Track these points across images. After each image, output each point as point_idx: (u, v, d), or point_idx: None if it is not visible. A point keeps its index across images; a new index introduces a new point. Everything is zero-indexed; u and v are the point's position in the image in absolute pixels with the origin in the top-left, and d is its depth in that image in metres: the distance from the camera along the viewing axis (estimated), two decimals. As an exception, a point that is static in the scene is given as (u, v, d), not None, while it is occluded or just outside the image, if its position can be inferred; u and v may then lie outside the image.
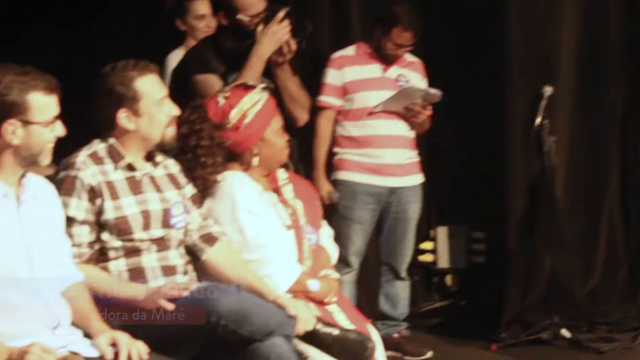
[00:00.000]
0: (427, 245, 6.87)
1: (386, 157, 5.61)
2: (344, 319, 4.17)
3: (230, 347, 3.66)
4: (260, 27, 4.71)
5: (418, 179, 5.78)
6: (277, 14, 4.70)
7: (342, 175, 5.65)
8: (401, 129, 5.61)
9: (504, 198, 6.22)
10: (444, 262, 6.86)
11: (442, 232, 6.85)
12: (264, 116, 4.18)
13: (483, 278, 6.62)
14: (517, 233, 6.20)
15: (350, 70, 5.60)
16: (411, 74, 5.69)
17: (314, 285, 4.17)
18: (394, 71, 5.65)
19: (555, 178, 6.08)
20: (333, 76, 5.60)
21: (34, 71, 3.31)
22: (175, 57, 5.56)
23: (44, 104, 3.29)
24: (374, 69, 5.64)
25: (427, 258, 6.88)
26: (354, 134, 5.62)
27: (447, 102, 5.70)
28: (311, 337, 3.92)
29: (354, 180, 5.63)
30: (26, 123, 3.27)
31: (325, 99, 5.57)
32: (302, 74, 5.00)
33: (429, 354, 5.84)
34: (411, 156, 5.71)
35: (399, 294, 5.85)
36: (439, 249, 6.85)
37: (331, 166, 5.67)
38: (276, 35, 4.67)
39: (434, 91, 5.55)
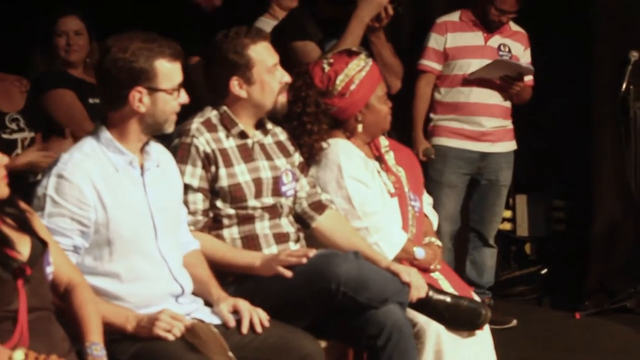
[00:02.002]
0: (506, 213, 6.82)
1: (479, 124, 5.60)
2: (449, 287, 4.16)
3: (346, 314, 3.66)
4: None
5: (510, 145, 5.79)
6: None
7: (435, 140, 5.68)
8: (496, 98, 5.61)
9: (589, 165, 6.16)
10: (523, 230, 6.84)
11: (521, 200, 6.82)
12: (369, 83, 4.16)
13: (563, 246, 6.58)
14: (600, 200, 6.15)
15: (453, 37, 5.61)
16: (513, 44, 5.68)
17: (419, 252, 4.16)
18: (495, 40, 5.64)
19: (640, 144, 6.03)
20: (435, 41, 5.61)
21: (160, 38, 3.30)
22: (261, 25, 5.51)
23: (170, 71, 3.28)
24: (476, 37, 5.63)
25: (506, 226, 6.85)
26: (449, 100, 5.63)
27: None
28: (423, 305, 3.91)
29: (446, 145, 5.64)
30: (153, 90, 3.26)
31: (426, 62, 5.59)
32: (397, 41, 4.96)
33: (514, 323, 5.82)
34: (505, 124, 5.69)
35: (485, 261, 5.84)
36: (518, 217, 6.83)
37: (426, 132, 5.67)
38: (376, 0, 4.63)
39: (526, 66, 5.51)
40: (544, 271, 6.65)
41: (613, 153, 6.12)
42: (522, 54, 5.68)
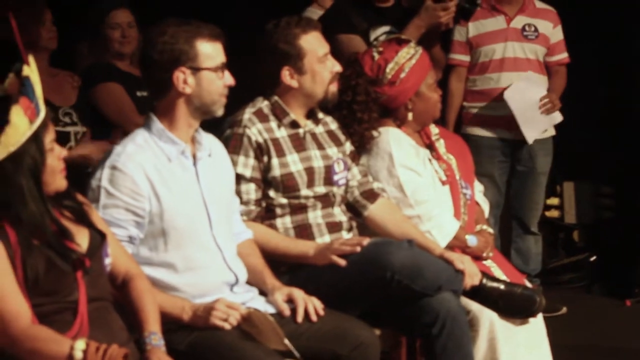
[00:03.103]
0: (553, 200, 6.80)
1: (510, 109, 5.54)
2: (501, 274, 4.14)
3: (400, 302, 3.65)
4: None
5: (548, 132, 5.70)
6: None
7: (468, 129, 5.63)
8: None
9: (637, 151, 6.10)
10: (570, 217, 6.78)
11: (568, 188, 6.77)
12: (419, 70, 4.14)
13: (612, 233, 6.54)
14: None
15: (474, 25, 5.54)
16: (540, 22, 5.59)
17: (472, 240, 4.15)
18: (519, 21, 5.56)
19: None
20: (459, 33, 5.56)
21: (196, 20, 3.31)
22: (310, 15, 5.51)
23: (210, 50, 3.29)
24: (497, 21, 5.56)
25: (553, 214, 6.81)
26: (479, 87, 5.58)
27: (574, 53, 5.60)
28: (477, 292, 3.89)
29: (478, 134, 5.59)
30: (196, 70, 3.27)
31: (454, 56, 5.55)
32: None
33: (564, 310, 5.77)
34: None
35: (530, 248, 5.80)
36: (566, 205, 6.78)
37: (461, 120, 5.63)
38: (440, 19, 4.57)
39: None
40: (592, 258, 6.59)
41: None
42: (552, 32, 5.60)
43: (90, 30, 4.98)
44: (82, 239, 2.88)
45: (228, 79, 3.36)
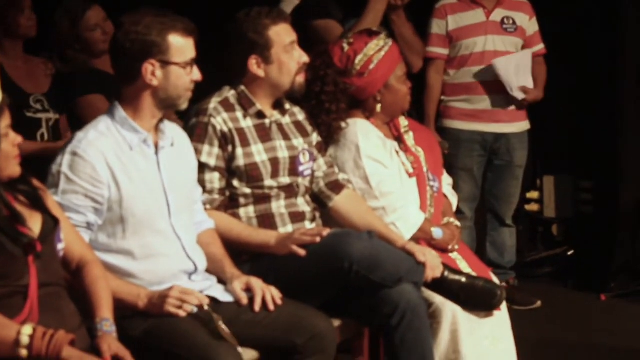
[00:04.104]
0: (533, 194, 6.84)
1: (490, 103, 5.56)
2: (467, 267, 4.17)
3: (360, 293, 3.68)
4: None
5: (524, 125, 5.73)
6: None
7: (447, 122, 5.63)
8: None
9: (615, 146, 6.12)
10: (550, 211, 6.81)
11: (548, 182, 6.80)
12: (388, 62, 4.16)
13: (590, 228, 6.56)
14: (627, 182, 6.11)
15: (453, 18, 5.56)
16: (517, 15, 5.61)
17: (437, 232, 4.17)
18: (498, 14, 5.58)
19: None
20: (437, 26, 5.57)
21: (172, 14, 3.34)
22: (288, 5, 5.53)
23: (182, 45, 3.32)
24: (477, 15, 5.57)
25: (533, 207, 6.85)
26: (458, 80, 5.58)
27: (557, 48, 5.60)
28: (439, 285, 3.92)
29: (457, 128, 5.60)
30: (165, 63, 3.29)
31: (432, 49, 5.54)
32: (416, 20, 4.96)
33: (538, 304, 5.81)
34: (517, 102, 5.63)
35: (505, 241, 5.82)
36: (545, 199, 6.81)
37: (439, 113, 5.65)
38: None
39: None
40: (570, 252, 6.62)
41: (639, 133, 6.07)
42: (528, 24, 5.62)
43: (59, 35, 4.79)
44: (34, 223, 2.91)
45: (196, 74, 3.38)
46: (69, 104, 4.68)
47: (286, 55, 3.82)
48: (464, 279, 3.95)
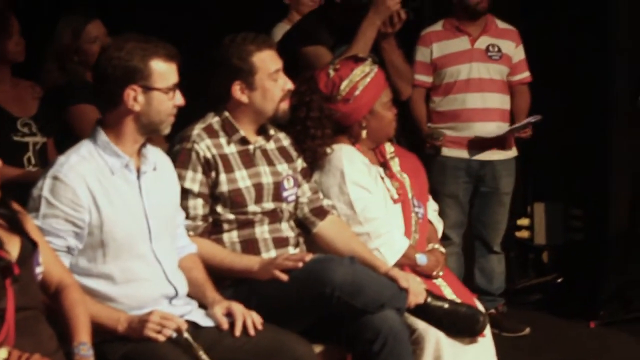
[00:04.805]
0: (523, 221, 6.84)
1: (476, 130, 5.58)
2: (451, 293, 4.17)
3: (342, 319, 3.68)
4: None
5: (511, 152, 5.74)
6: None
7: (432, 150, 5.64)
8: (493, 102, 5.60)
9: (606, 174, 6.13)
10: (540, 238, 6.81)
11: (539, 209, 6.81)
12: (373, 89, 4.18)
13: (581, 255, 6.57)
14: (618, 209, 6.12)
15: (438, 46, 5.59)
16: (503, 43, 5.64)
17: (421, 258, 4.18)
18: (483, 42, 5.61)
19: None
20: (422, 53, 5.61)
21: (155, 39, 3.36)
22: (279, 31, 5.58)
23: (164, 71, 3.33)
24: (461, 42, 5.61)
25: (523, 234, 6.86)
26: (443, 108, 5.62)
27: (547, 74, 5.62)
28: (422, 311, 3.92)
29: (443, 154, 5.62)
30: (147, 89, 3.31)
31: (415, 77, 5.54)
32: (406, 47, 4.98)
33: (527, 331, 5.81)
34: (504, 129, 5.64)
35: (494, 268, 5.82)
36: (536, 225, 6.81)
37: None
38: (388, 3, 4.63)
39: (529, 121, 5.52)
40: (560, 280, 6.62)
41: (630, 160, 6.08)
42: (514, 52, 5.66)
43: (60, 47, 4.86)
44: (13, 246, 2.92)
45: (178, 99, 3.40)
46: (62, 112, 4.70)
47: (270, 82, 3.84)
48: (446, 305, 3.96)
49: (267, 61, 3.84)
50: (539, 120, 5.55)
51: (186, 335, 3.25)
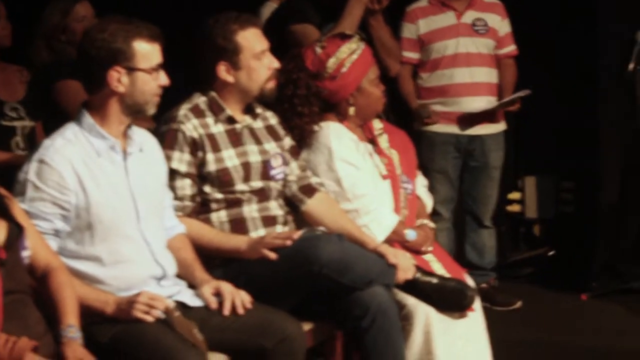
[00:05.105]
0: (514, 195, 6.86)
1: (464, 105, 5.58)
2: (440, 268, 4.18)
3: (331, 296, 3.69)
4: None
5: (499, 126, 5.74)
6: None
7: (422, 126, 5.64)
8: (480, 76, 5.58)
9: (596, 146, 6.14)
10: (531, 212, 6.83)
11: (529, 182, 6.82)
12: (360, 66, 4.18)
13: (572, 228, 6.59)
14: (608, 182, 6.13)
15: (424, 22, 5.58)
16: (489, 16, 5.63)
17: (410, 234, 4.18)
18: (469, 16, 5.60)
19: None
20: (408, 30, 5.59)
21: (137, 20, 3.36)
22: (267, 9, 5.57)
23: (147, 51, 3.33)
24: (447, 17, 5.59)
25: (514, 208, 6.87)
26: (431, 84, 5.60)
27: (536, 49, 5.60)
28: (410, 286, 3.94)
29: (432, 130, 5.62)
30: (131, 70, 3.31)
31: (403, 53, 5.54)
32: (394, 24, 4.97)
33: (519, 304, 5.82)
34: (492, 104, 5.64)
35: (485, 242, 5.83)
36: (527, 199, 6.83)
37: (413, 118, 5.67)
38: None
39: (518, 95, 5.51)
40: (551, 253, 6.64)
41: (619, 133, 6.07)
42: (500, 25, 5.64)
43: (48, 26, 4.91)
44: None
45: (163, 79, 3.40)
46: (48, 89, 4.72)
47: (256, 62, 3.83)
48: (435, 280, 3.97)
49: (251, 40, 3.84)
50: (528, 94, 5.53)
51: (177, 313, 3.26)
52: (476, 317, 4.16)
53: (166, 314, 3.23)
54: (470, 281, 4.23)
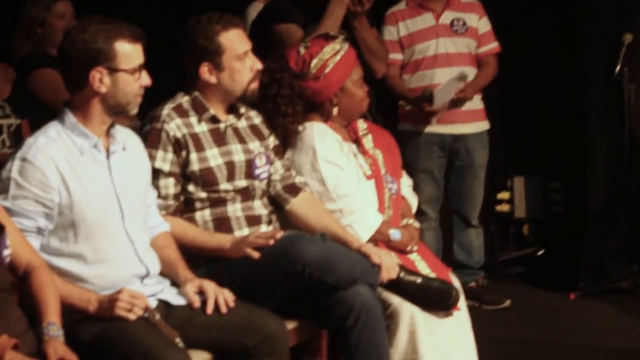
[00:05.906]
0: (504, 195, 6.87)
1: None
2: (425, 268, 4.20)
3: (315, 295, 3.70)
4: None
5: (483, 125, 5.74)
6: None
7: (405, 125, 5.67)
8: None
9: (584, 147, 6.15)
10: (520, 212, 6.85)
11: (519, 182, 6.83)
12: (344, 66, 4.19)
13: (560, 228, 6.60)
14: (596, 182, 6.14)
15: (404, 24, 5.59)
16: (467, 16, 5.63)
17: (395, 234, 4.20)
18: (447, 17, 5.61)
19: (636, 126, 6.00)
20: (389, 32, 5.61)
21: (119, 20, 3.36)
22: (254, 9, 5.58)
23: (129, 52, 3.34)
24: (426, 19, 5.61)
25: (504, 208, 6.88)
26: (413, 85, 5.61)
27: (524, 51, 5.61)
28: (395, 286, 3.95)
29: (415, 130, 5.63)
30: (113, 70, 3.32)
31: (389, 55, 5.55)
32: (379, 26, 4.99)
33: (507, 303, 5.83)
34: (474, 103, 5.66)
35: (472, 242, 5.84)
36: (516, 199, 6.84)
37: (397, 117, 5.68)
38: None
39: (460, 73, 5.51)
40: (540, 252, 6.66)
41: (607, 134, 6.08)
42: (479, 24, 5.64)
43: (28, 17, 4.93)
44: None
45: (145, 79, 3.41)
46: (24, 81, 4.72)
47: (238, 63, 3.84)
48: (419, 280, 3.98)
49: (234, 41, 3.85)
50: (464, 75, 5.50)
51: (158, 317, 3.27)
52: (462, 316, 4.17)
53: (147, 314, 3.24)
54: (455, 281, 4.24)
